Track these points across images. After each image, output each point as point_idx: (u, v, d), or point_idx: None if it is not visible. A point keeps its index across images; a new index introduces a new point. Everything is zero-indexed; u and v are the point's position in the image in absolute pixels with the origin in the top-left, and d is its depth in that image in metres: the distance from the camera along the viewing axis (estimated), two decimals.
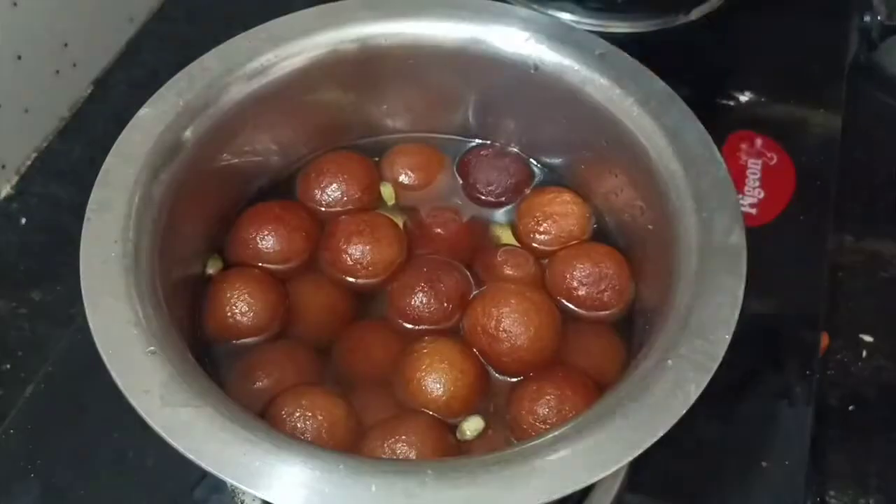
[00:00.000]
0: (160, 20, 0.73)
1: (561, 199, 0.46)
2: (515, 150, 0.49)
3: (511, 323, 0.41)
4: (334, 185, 0.47)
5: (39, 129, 0.65)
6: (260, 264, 0.44)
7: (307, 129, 0.48)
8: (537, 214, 0.46)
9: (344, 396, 0.40)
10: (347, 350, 0.43)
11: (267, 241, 0.44)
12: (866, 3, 0.71)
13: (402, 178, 0.48)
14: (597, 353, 0.43)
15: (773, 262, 0.47)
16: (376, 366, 0.42)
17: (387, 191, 0.48)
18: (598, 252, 0.44)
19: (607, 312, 0.43)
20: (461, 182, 0.49)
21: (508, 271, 0.45)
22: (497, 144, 0.50)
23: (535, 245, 0.46)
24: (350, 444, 0.39)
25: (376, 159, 0.49)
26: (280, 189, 0.48)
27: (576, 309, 0.44)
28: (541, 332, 0.41)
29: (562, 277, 0.44)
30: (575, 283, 0.43)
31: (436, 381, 0.40)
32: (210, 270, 0.44)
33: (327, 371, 0.42)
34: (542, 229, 0.46)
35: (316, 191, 0.47)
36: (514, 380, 0.41)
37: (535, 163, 0.49)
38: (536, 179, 0.49)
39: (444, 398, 0.40)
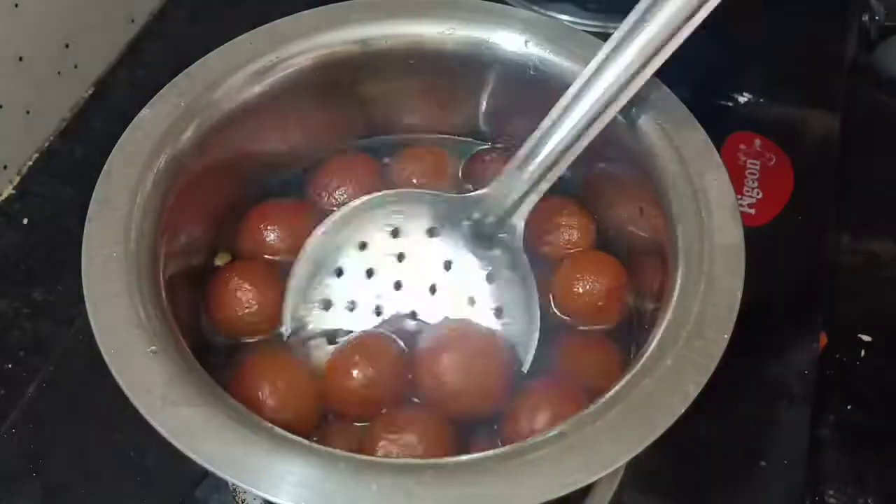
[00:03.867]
0: (162, 21, 0.73)
1: (568, 210, 0.47)
2: None
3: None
4: (342, 186, 0.47)
5: (41, 129, 0.65)
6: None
7: (309, 130, 0.48)
8: (543, 226, 0.46)
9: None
10: None
11: (273, 238, 0.45)
12: (865, 3, 0.71)
13: (413, 181, 0.48)
14: (595, 364, 0.43)
15: (771, 262, 0.47)
16: None
17: None
18: (600, 262, 0.45)
19: (607, 323, 0.44)
20: (467, 187, 0.49)
21: None
22: (500, 146, 0.50)
23: (539, 256, 0.46)
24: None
25: (386, 160, 0.49)
26: (286, 190, 0.48)
27: (576, 318, 0.44)
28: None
29: (563, 287, 0.44)
30: (576, 293, 0.43)
31: None
32: (218, 262, 0.45)
33: None
34: (546, 240, 0.46)
35: (323, 192, 0.47)
36: None
37: None
38: None
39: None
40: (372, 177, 0.48)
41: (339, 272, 0.43)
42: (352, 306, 0.43)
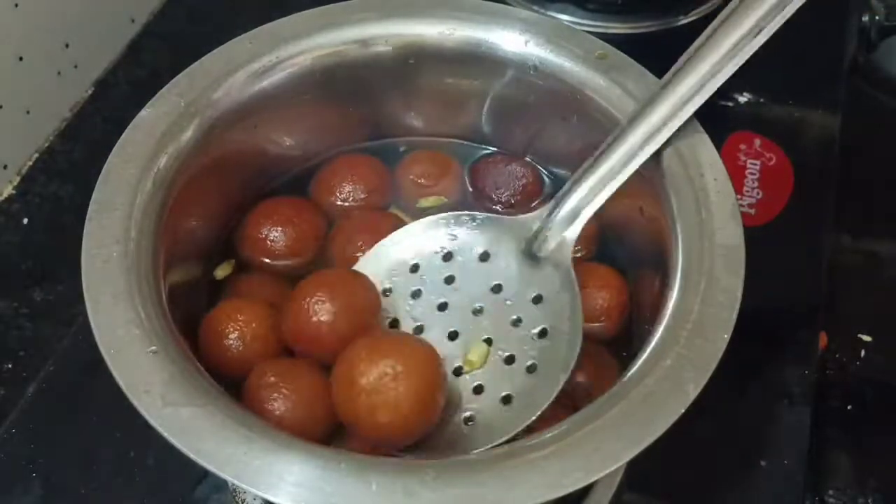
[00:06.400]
0: (161, 21, 0.74)
1: None
2: (526, 158, 0.49)
3: None
4: (346, 186, 0.47)
5: (41, 129, 0.65)
6: (268, 260, 0.45)
7: (310, 131, 0.48)
8: None
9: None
10: None
11: (277, 236, 0.45)
12: (865, 3, 0.71)
13: (419, 182, 0.48)
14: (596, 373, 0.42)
15: (771, 263, 0.47)
16: None
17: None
18: (600, 273, 0.44)
19: (608, 332, 0.44)
20: (471, 190, 0.49)
21: None
22: (503, 150, 0.50)
23: None
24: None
25: (391, 162, 0.49)
26: (287, 191, 0.48)
27: None
28: None
29: None
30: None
31: None
32: (219, 274, 0.45)
33: None
34: None
35: (327, 192, 0.47)
36: None
37: (543, 170, 0.49)
38: (546, 186, 0.49)
39: None
40: (377, 177, 0.48)
41: (386, 292, 0.42)
42: (394, 325, 0.42)
